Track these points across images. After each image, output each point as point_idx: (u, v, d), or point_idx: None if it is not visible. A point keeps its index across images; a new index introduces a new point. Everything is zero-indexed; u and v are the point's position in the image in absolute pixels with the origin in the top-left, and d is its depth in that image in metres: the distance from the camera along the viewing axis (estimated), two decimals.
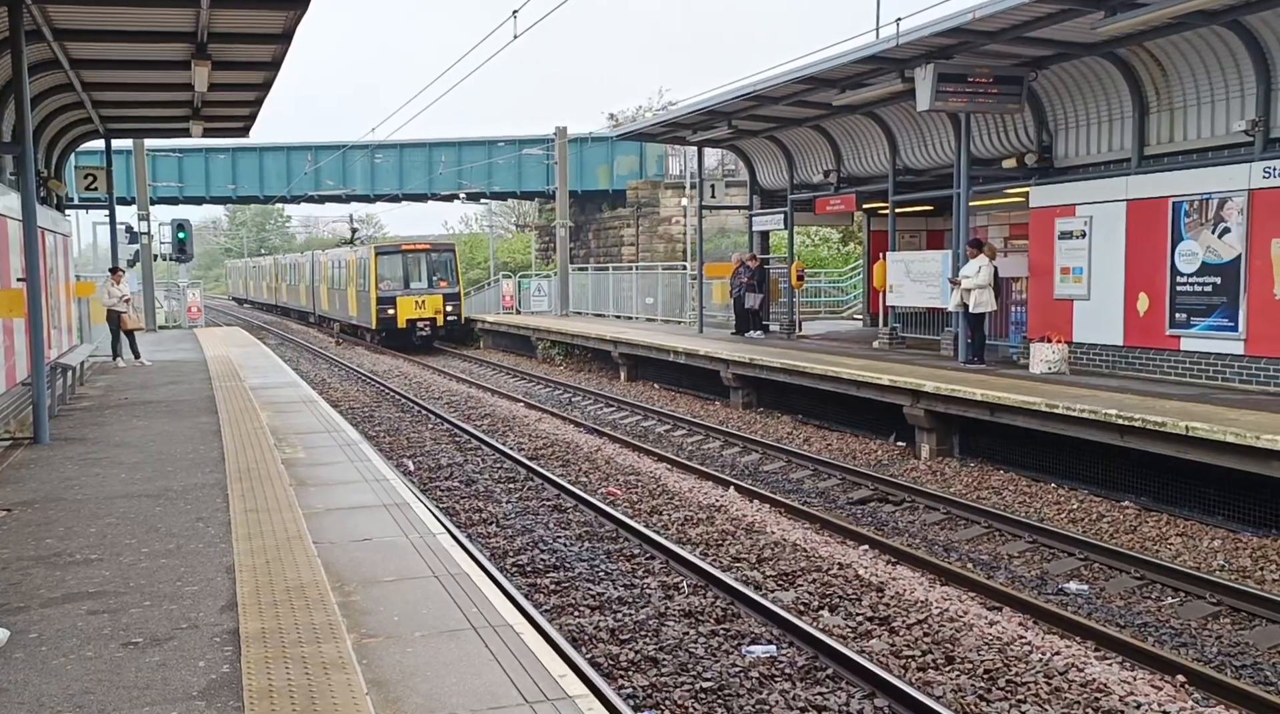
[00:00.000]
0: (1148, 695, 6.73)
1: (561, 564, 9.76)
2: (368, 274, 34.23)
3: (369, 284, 33.97)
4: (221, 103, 17.09)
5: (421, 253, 35.38)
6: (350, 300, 37.26)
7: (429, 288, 34.24)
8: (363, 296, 35.00)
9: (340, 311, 39.34)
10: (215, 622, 5.50)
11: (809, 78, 17.39)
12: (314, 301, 46.22)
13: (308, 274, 47.26)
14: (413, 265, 34.81)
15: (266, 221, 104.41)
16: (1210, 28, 13.25)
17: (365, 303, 34.69)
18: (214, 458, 10.07)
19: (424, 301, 33.62)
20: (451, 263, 35.25)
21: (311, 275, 46.25)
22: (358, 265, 35.87)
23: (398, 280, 34.01)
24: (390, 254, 34.98)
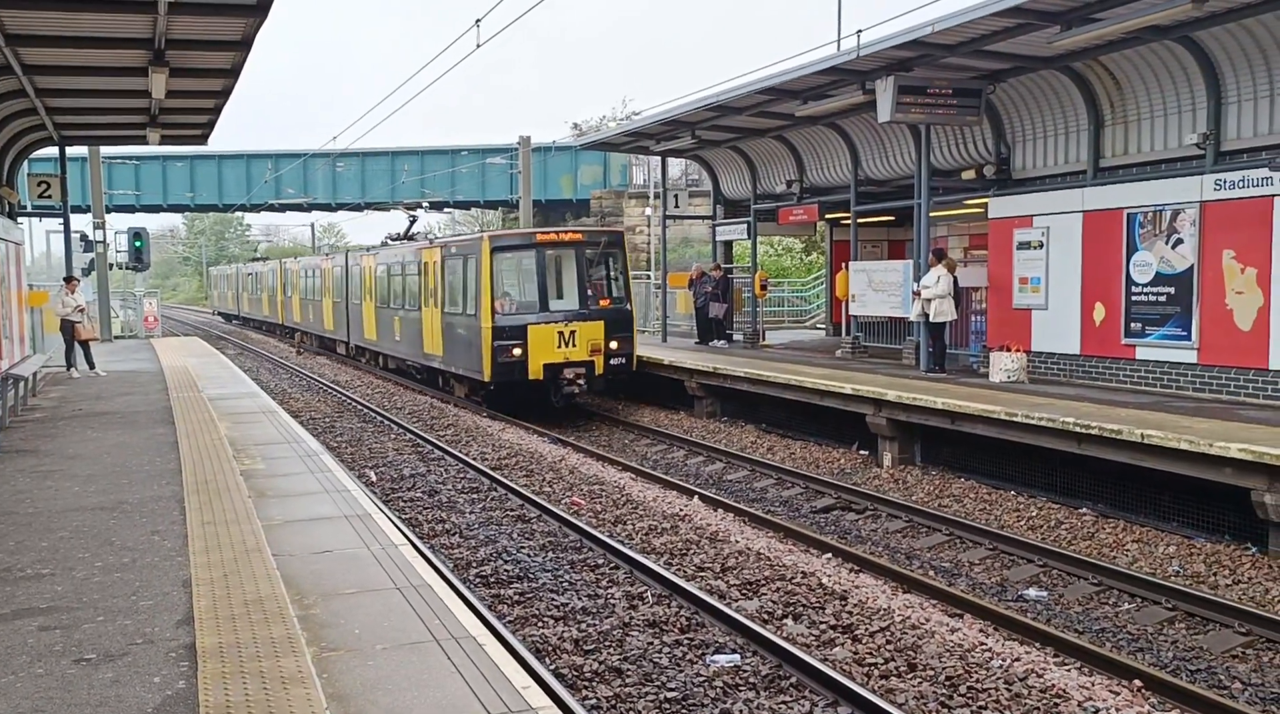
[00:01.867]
0: (1105, 700, 6.81)
1: (525, 575, 9.70)
2: (471, 286, 19.66)
3: (474, 304, 19.34)
4: (180, 110, 16.88)
5: (569, 246, 19.82)
6: (430, 331, 22.26)
7: (582, 309, 19.30)
8: (459, 325, 20.22)
9: (410, 346, 24.04)
10: (171, 637, 5.41)
11: (771, 89, 17.51)
12: (349, 325, 30.74)
13: (340, 284, 31.83)
14: (555, 269, 19.99)
15: (226, 230, 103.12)
16: (1163, 43, 13.52)
17: (465, 336, 19.88)
18: (171, 470, 9.91)
19: (573, 333, 18.98)
20: (618, 262, 20.21)
21: (345, 285, 30.92)
22: (446, 269, 21.17)
23: (529, 296, 19.44)
24: (516, 249, 19.78)
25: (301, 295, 38.45)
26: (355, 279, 29.71)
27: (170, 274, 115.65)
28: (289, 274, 41.14)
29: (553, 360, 18.83)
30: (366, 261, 28.45)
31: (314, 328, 36.88)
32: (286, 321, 42.27)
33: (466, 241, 20.70)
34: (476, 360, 19.24)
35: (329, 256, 34.53)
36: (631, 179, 45.12)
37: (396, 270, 25.06)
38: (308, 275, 37.31)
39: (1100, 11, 12.50)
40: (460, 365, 20.54)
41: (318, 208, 49.23)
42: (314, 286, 36.16)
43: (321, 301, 34.81)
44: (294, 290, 40.02)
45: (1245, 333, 12.69)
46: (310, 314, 37.05)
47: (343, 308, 31.42)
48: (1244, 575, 9.57)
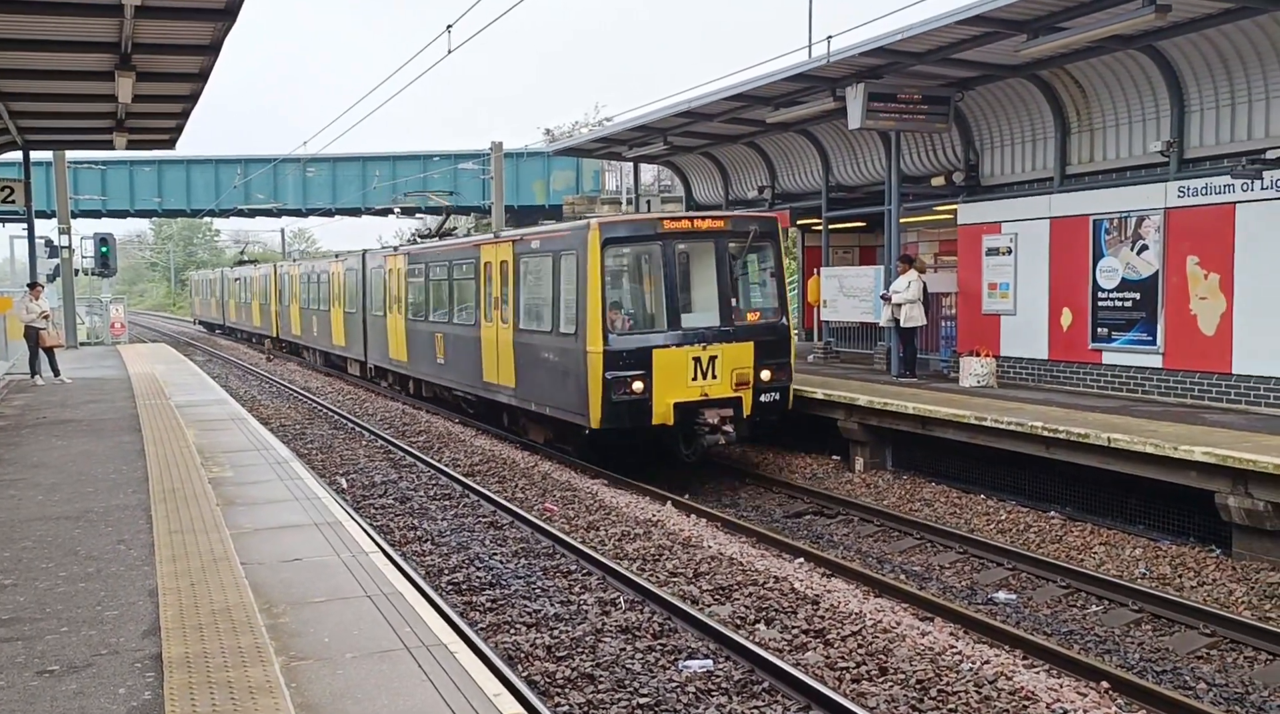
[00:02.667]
0: (1074, 702, 6.88)
1: (498, 581, 9.66)
2: (566, 294, 14.53)
3: (573, 319, 14.16)
4: (147, 114, 16.73)
5: (707, 237, 14.30)
6: (495, 355, 16.86)
7: (724, 326, 14.10)
8: (546, 349, 15.06)
9: (461, 372, 18.80)
10: (137, 647, 5.34)
11: (742, 95, 17.59)
12: (368, 342, 25.48)
13: (355, 292, 26.42)
14: (688, 269, 14.58)
15: (194, 236, 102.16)
16: (1127, 52, 13.72)
17: (556, 363, 14.71)
18: (137, 478, 9.79)
19: (713, 360, 13.90)
20: (771, 260, 14.95)
21: (363, 293, 25.60)
22: (524, 272, 16.05)
23: (653, 308, 14.39)
24: (636, 242, 14.38)
25: (303, 305, 32.69)
26: (377, 285, 24.28)
27: (137, 280, 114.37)
28: (287, 280, 35.18)
29: (686, 398, 13.50)
30: (394, 263, 22.84)
31: (318, 343, 31.16)
32: (283, 335, 36.41)
33: (556, 233, 15.16)
34: (575, 397, 13.89)
35: (341, 258, 28.46)
36: (604, 185, 45.13)
37: (439, 274, 19.71)
38: (312, 281, 31.25)
39: (1065, 21, 12.67)
40: (547, 402, 14.95)
41: (288, 213, 48.83)
42: (320, 295, 30.19)
43: (329, 312, 29.08)
44: (293, 299, 34.17)
45: (1209, 338, 12.88)
46: (315, 327, 31.15)
47: (358, 320, 25.97)
48: (1208, 577, 9.71)
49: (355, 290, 26.25)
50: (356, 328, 26.35)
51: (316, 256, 36.53)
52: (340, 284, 27.94)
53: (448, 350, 19.36)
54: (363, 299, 25.52)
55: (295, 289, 33.95)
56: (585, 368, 13.60)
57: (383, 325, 23.83)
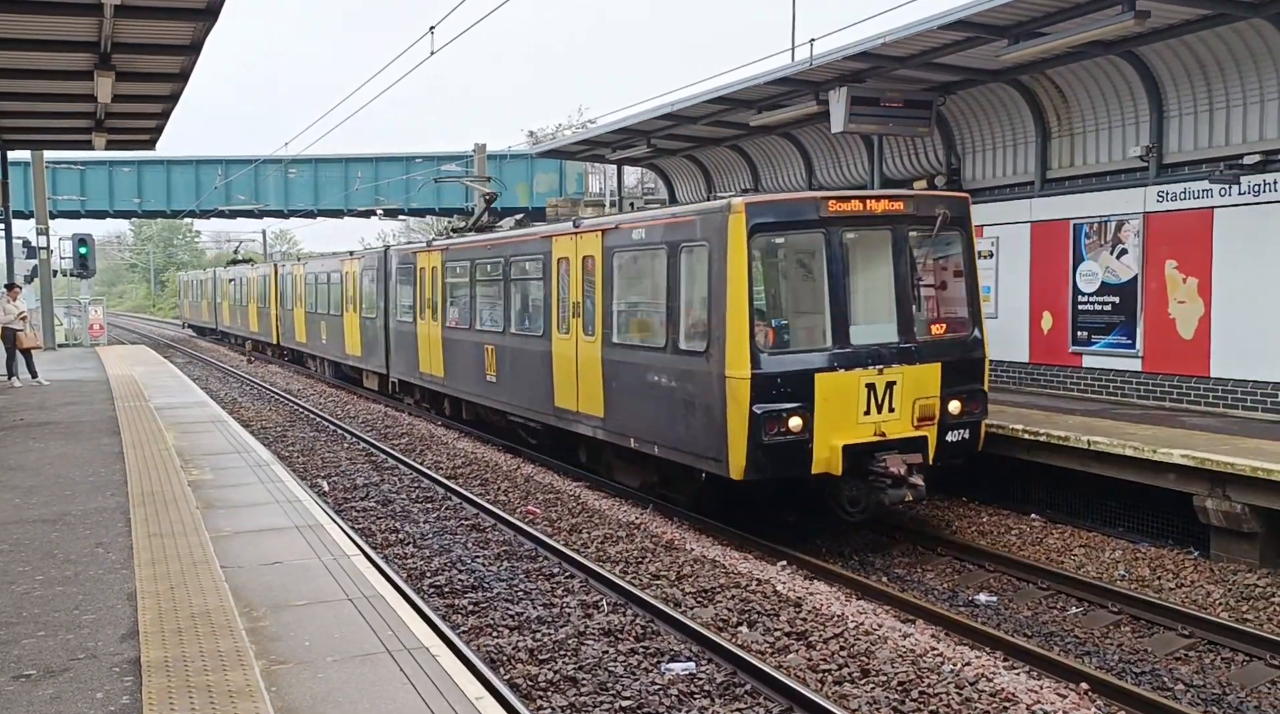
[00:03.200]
0: (1054, 703, 6.92)
1: (480, 584, 9.64)
2: (688, 300, 11.32)
3: (701, 332, 11.01)
4: (127, 114, 16.60)
5: (882, 223, 10.94)
6: (573, 373, 13.69)
7: (904, 342, 10.89)
8: (661, 372, 11.60)
9: (519, 392, 15.68)
10: (115, 651, 5.29)
11: (725, 98, 17.62)
12: (390, 352, 22.39)
13: (371, 296, 23.48)
14: (852, 266, 10.97)
15: (174, 237, 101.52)
16: (1107, 58, 13.83)
17: (676, 392, 11.33)
18: (116, 481, 9.71)
19: (891, 387, 10.67)
20: (962, 249, 11.65)
21: (383, 297, 22.65)
22: (616, 271, 12.82)
23: (812, 318, 11.17)
24: (792, 229, 11.04)
25: (309, 309, 29.81)
26: (403, 287, 21.32)
27: (117, 281, 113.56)
28: (290, 281, 32.19)
29: (857, 438, 10.33)
30: (427, 261, 19.62)
31: (328, 351, 28.11)
32: (285, 341, 33.61)
33: (676, 219, 11.35)
34: (703, 436, 10.71)
35: (357, 256, 25.39)
36: (587, 187, 45.12)
37: (491, 273, 16.68)
38: (320, 282, 28.42)
39: (1046, 26, 12.75)
40: (653, 439, 11.64)
41: (269, 214, 48.53)
42: (330, 297, 27.29)
43: (341, 318, 26.04)
44: (297, 302, 31.27)
45: (1187, 341, 12.99)
46: (323, 334, 28.15)
47: (378, 327, 22.91)
48: (1187, 579, 9.79)
49: (375, 293, 23.12)
50: (376, 336, 23.06)
51: (325, 254, 30.76)
52: (355, 285, 24.75)
53: (502, 366, 15.94)
54: (385, 303, 22.39)
55: (300, 291, 30.80)
56: (722, 398, 10.29)
57: (411, 334, 20.43)
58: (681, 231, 11.28)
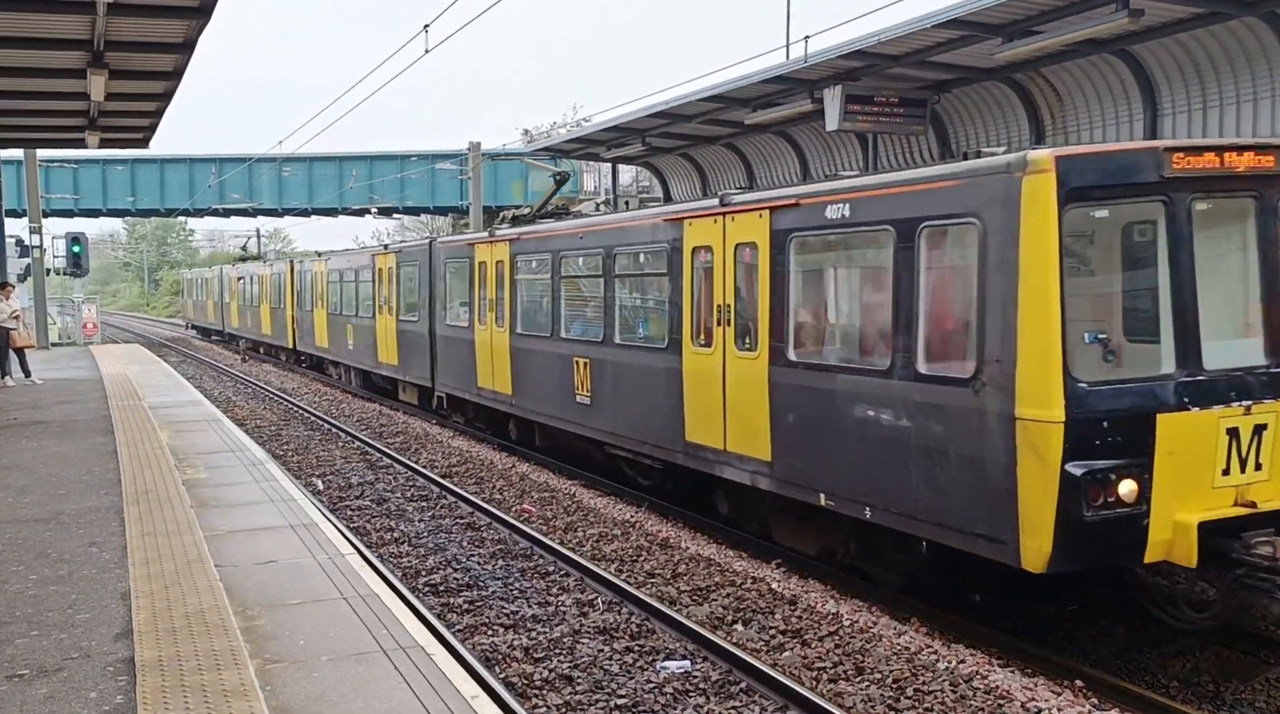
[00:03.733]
0: (1048, 700, 6.93)
1: (475, 583, 9.63)
2: (967, 299, 7.61)
3: (992, 341, 7.21)
4: (120, 113, 16.54)
5: (1249, 187, 7.40)
6: (723, 404, 10.35)
7: (1274, 363, 7.35)
8: (896, 405, 8.11)
9: (649, 424, 11.85)
10: (109, 650, 5.28)
11: (720, 96, 17.64)
12: (437, 365, 19.19)
13: (413, 293, 20.35)
14: (1215, 247, 7.60)
15: (168, 235, 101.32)
16: (1101, 56, 13.86)
17: (930, 437, 7.78)
18: (110, 480, 9.68)
19: (1262, 432, 7.21)
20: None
21: (432, 295, 19.40)
22: (813, 254, 9.77)
23: (1151, 322, 7.47)
24: (1122, 194, 7.27)
25: (332, 311, 26.49)
26: (456, 286, 18.07)
27: (110, 280, 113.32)
28: (309, 279, 28.92)
29: (1213, 511, 7.19)
30: (490, 253, 16.11)
31: (356, 359, 24.78)
32: (304, 346, 30.32)
33: (911, 185, 8.24)
34: (981, 507, 7.52)
35: (393, 250, 21.99)
36: (582, 186, 45.10)
37: (584, 267, 13.58)
38: (346, 281, 25.20)
39: (1040, 25, 12.78)
40: (874, 499, 8.51)
41: (263, 213, 48.45)
42: (358, 298, 24.02)
43: (374, 322, 22.57)
44: (318, 302, 27.82)
45: None
46: (350, 339, 24.64)
47: (421, 333, 19.39)
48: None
49: (416, 293, 19.85)
50: (418, 343, 19.77)
51: (352, 249, 29.10)
52: (391, 284, 21.31)
53: (601, 385, 12.68)
54: (430, 304, 19.06)
55: (322, 290, 27.42)
56: (1008, 449, 7.14)
57: (465, 342, 17.17)
58: (924, 203, 7.93)
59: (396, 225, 68.54)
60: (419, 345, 19.70)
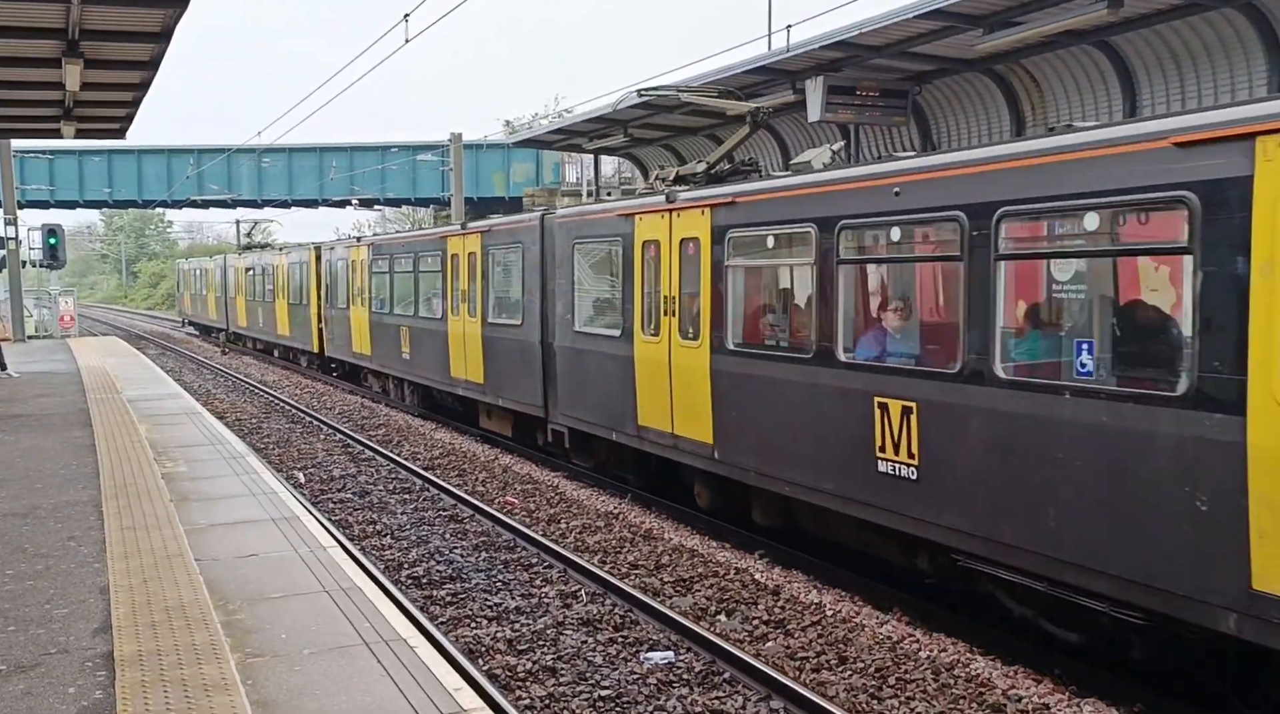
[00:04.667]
0: (1029, 689, 6.98)
1: (458, 575, 9.61)
2: None
3: None
4: (96, 103, 16.34)
5: None
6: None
7: None
8: None
9: (998, 508, 7.05)
10: (88, 645, 5.24)
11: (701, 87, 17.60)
12: (558, 385, 13.70)
13: (531, 285, 14.57)
14: None
15: (146, 226, 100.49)
16: (1081, 47, 13.91)
17: None
18: (88, 474, 9.60)
19: None
20: None
21: (542, 289, 14.24)
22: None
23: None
24: None
25: (376, 309, 21.30)
26: (582, 278, 13.32)
27: (88, 272, 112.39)
28: (342, 269, 23.71)
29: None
30: (656, 231, 11.35)
31: (414, 370, 19.54)
32: (337, 351, 24.88)
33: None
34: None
35: (475, 232, 16.55)
36: (564, 177, 45.02)
37: (884, 246, 8.63)
38: (398, 271, 20.22)
39: (1021, 16, 12.82)
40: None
41: (243, 204, 48.12)
42: (417, 295, 18.99)
43: (442, 325, 17.62)
44: (355, 300, 22.61)
45: None
46: (405, 345, 19.52)
47: (522, 344, 14.72)
48: None
49: (518, 286, 14.99)
50: (521, 357, 14.70)
51: (414, 231, 24.81)
52: (472, 275, 16.39)
53: (936, 439, 7.65)
54: (541, 305, 14.16)
55: (361, 283, 22.21)
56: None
57: (613, 359, 12.16)
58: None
59: (378, 217, 68.21)
60: (523, 361, 14.64)
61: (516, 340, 14.86)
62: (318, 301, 26.43)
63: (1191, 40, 12.85)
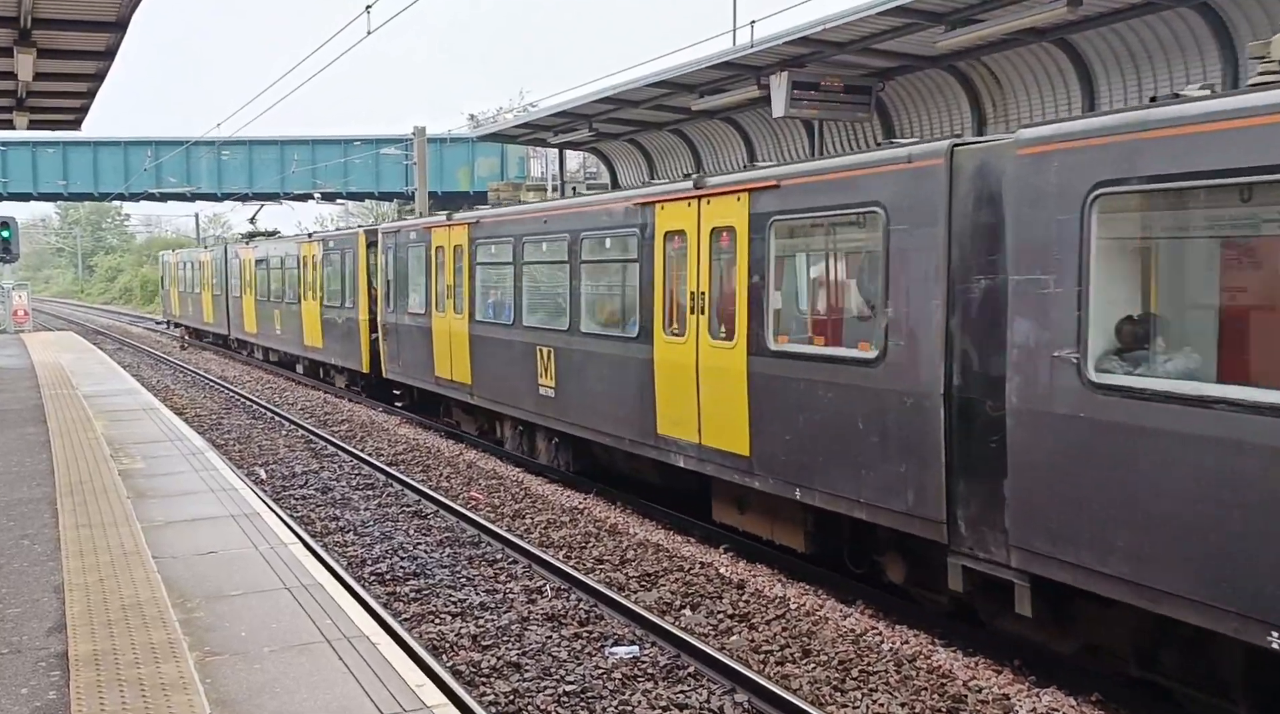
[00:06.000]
0: (989, 679, 7.06)
1: (422, 571, 9.55)
2: None
3: None
4: (50, 93, 16.02)
5: None
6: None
7: None
8: None
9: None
10: (41, 645, 5.14)
11: (667, 82, 17.61)
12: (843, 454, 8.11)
13: (790, 282, 9.37)
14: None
15: (103, 220, 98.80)
16: (1041, 45, 14.07)
17: None
18: (42, 471, 9.42)
19: None
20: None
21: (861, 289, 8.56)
22: None
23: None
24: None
25: (486, 316, 14.78)
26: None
27: (43, 266, 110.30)
28: (424, 259, 16.97)
29: None
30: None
31: (514, 401, 13.92)
32: (400, 372, 18.29)
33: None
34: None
35: (649, 197, 10.61)
36: (529, 171, 44.82)
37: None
38: (551, 258, 12.94)
39: (982, 13, 12.94)
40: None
41: (202, 198, 47.44)
42: (559, 298, 12.82)
43: (590, 347, 11.87)
44: (441, 303, 16.06)
45: None
46: (557, 378, 12.54)
47: (786, 388, 8.66)
48: None
49: (771, 282, 9.00)
50: (750, 395, 9.07)
51: (568, 203, 13.82)
52: (664, 270, 10.45)
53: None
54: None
55: (454, 280, 15.62)
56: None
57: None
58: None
59: (340, 210, 67.58)
60: (752, 398, 9.06)
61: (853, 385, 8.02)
62: (368, 304, 20.13)
63: (1148, 38, 13.05)
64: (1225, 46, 12.37)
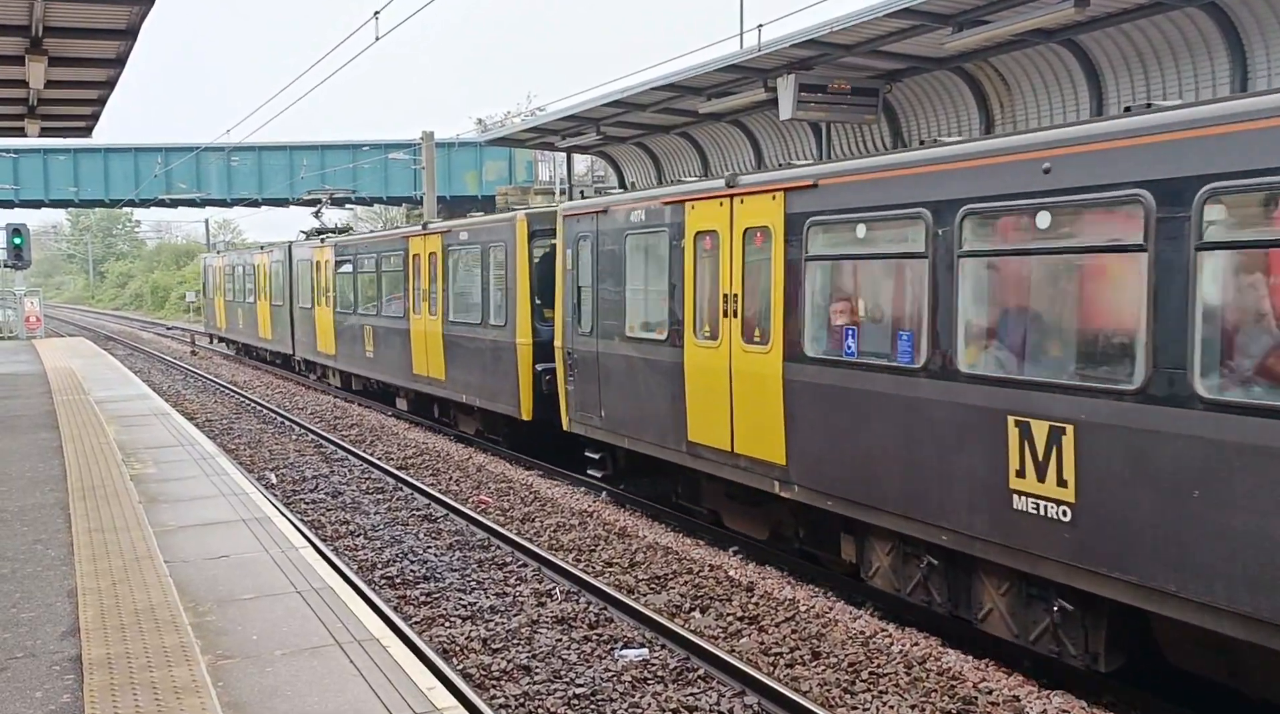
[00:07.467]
0: (999, 681, 7.05)
1: (432, 575, 9.57)
2: None
3: None
4: (61, 101, 16.12)
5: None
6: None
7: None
8: None
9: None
10: (55, 649, 5.17)
11: (674, 85, 17.63)
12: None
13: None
14: None
15: (113, 226, 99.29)
16: (1049, 45, 14.04)
17: None
18: (54, 476, 9.48)
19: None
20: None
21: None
22: None
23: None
24: None
25: (825, 352, 8.50)
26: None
27: (54, 272, 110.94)
28: (654, 253, 10.92)
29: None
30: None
31: (843, 476, 8.43)
32: (620, 426, 11.63)
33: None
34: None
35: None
36: (537, 175, 44.90)
37: None
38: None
39: (989, 14, 12.92)
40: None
41: (212, 203, 47.63)
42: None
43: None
44: (700, 325, 10.02)
45: None
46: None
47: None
48: None
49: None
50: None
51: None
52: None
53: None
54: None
55: (722, 287, 9.74)
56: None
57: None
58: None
59: (350, 215, 67.78)
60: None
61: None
62: (531, 323, 14.47)
63: (1156, 39, 13.02)
64: (1234, 47, 12.33)
